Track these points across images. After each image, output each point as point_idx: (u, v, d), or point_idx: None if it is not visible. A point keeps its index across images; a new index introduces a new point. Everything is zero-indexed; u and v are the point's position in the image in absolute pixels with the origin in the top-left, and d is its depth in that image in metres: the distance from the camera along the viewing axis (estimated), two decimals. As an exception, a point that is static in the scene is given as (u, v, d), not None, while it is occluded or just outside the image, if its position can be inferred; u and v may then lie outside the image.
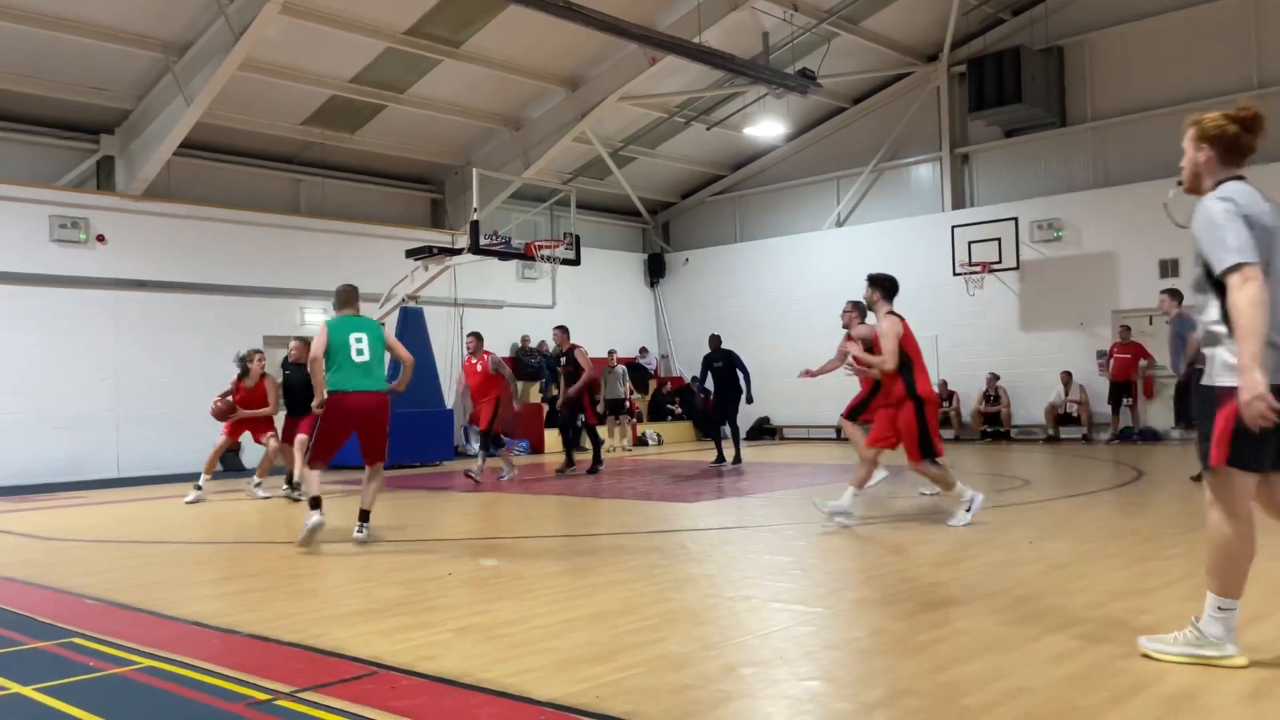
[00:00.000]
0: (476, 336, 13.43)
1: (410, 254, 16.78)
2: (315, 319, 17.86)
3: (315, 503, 7.57)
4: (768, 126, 19.90)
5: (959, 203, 19.96)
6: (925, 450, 7.57)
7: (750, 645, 4.41)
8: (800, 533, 7.88)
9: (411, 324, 16.58)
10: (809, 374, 10.92)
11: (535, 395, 19.77)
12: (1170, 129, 20.20)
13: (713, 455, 14.93)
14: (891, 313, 7.77)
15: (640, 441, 20.58)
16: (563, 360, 13.83)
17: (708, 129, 20.97)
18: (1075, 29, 18.67)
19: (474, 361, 13.29)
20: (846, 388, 10.68)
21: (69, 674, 4.20)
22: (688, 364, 23.74)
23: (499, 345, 20.64)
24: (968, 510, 7.57)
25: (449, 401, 18.02)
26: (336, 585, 6.41)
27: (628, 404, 19.18)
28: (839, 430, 20.69)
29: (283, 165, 18.47)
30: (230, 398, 11.35)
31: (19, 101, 15.01)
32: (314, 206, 18.63)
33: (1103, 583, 5.44)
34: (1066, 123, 18.80)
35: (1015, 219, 18.32)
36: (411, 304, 16.86)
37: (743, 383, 14.36)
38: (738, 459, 14.54)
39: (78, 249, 15.35)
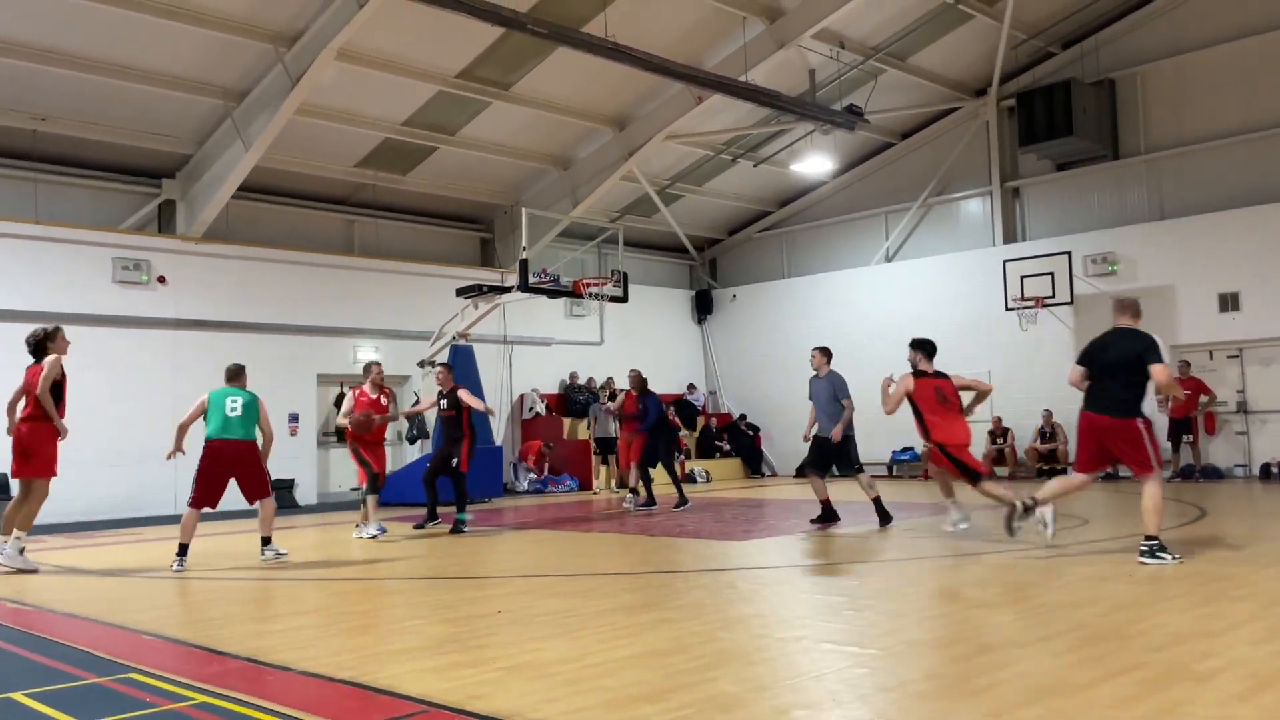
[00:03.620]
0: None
1: (460, 292, 16.99)
2: (367, 357, 18.08)
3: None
4: (815, 163, 19.86)
5: (1010, 237, 19.76)
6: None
7: (803, 687, 4.34)
8: (853, 572, 7.78)
9: (462, 361, 16.71)
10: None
11: (584, 432, 19.80)
12: (1226, 160, 19.84)
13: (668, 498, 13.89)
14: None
15: (688, 479, 20.40)
16: (444, 403, 11.75)
17: (755, 166, 21.03)
18: (1127, 61, 18.49)
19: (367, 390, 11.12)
20: (903, 424, 10.65)
21: (126, 709, 4.24)
22: (736, 400, 23.67)
23: (547, 382, 20.80)
24: None
25: (498, 439, 18.09)
26: (388, 622, 6.44)
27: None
28: (891, 467, 20.60)
29: (337, 207, 18.86)
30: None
31: (85, 148, 15.53)
32: (367, 246, 18.96)
33: (1166, 625, 5.29)
34: (1119, 155, 18.57)
35: (1068, 253, 18.07)
36: (462, 341, 17.05)
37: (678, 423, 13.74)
38: (682, 501, 13.48)
39: (139, 290, 15.76)
